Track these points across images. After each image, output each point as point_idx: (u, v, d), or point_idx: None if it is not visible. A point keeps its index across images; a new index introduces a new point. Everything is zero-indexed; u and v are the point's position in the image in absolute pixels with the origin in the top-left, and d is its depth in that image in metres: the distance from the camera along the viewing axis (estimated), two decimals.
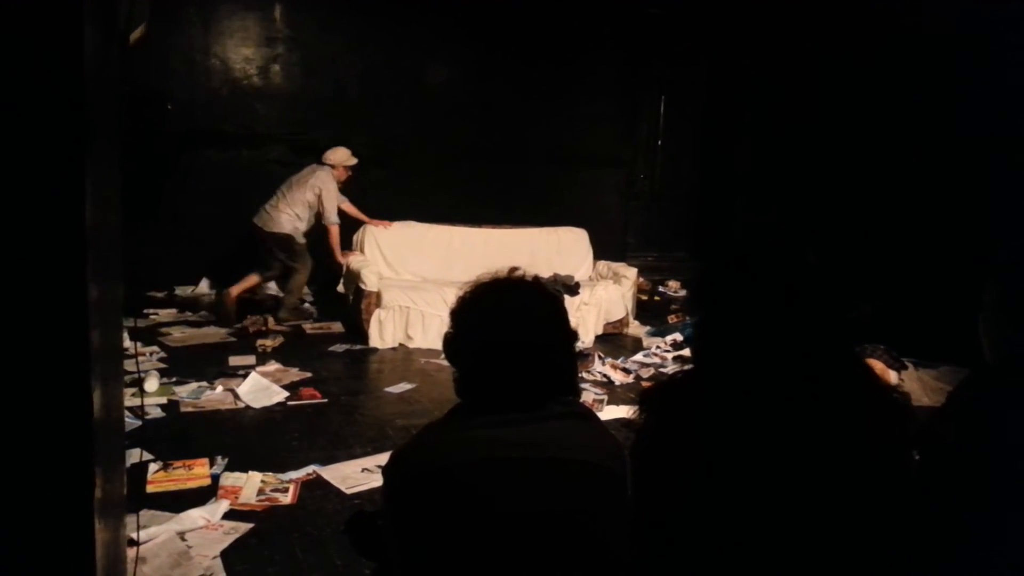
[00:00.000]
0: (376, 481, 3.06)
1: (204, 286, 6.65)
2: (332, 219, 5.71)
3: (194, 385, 4.15)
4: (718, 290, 1.29)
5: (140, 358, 4.39)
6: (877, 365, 4.52)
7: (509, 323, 1.30)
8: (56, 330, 1.11)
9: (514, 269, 1.39)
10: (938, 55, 5.75)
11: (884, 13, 6.20)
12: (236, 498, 2.90)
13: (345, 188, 5.96)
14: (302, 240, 5.70)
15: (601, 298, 5.78)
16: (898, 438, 1.23)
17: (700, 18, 8.09)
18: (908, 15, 5.98)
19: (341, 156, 5.78)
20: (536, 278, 1.40)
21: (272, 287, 6.29)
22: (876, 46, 6.39)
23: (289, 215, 5.56)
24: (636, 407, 1.33)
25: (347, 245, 6.09)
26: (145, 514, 2.65)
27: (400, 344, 5.32)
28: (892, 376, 4.54)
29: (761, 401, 1.18)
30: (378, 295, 5.31)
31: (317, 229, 5.88)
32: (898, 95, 6.19)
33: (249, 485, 3.01)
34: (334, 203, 5.69)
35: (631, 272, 6.26)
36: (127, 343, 2.85)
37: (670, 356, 5.28)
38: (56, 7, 1.05)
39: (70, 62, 1.06)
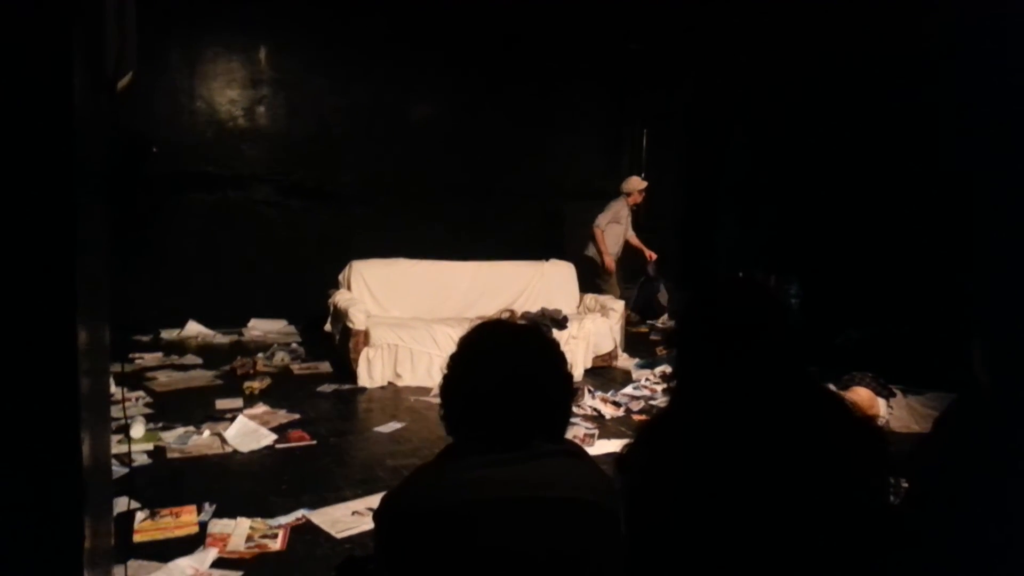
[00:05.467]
0: (367, 524, 3.01)
1: (190, 329, 6.60)
2: (597, 223, 6.93)
3: (180, 430, 4.09)
4: (691, 327, 1.35)
5: (126, 404, 4.33)
6: (865, 393, 4.52)
7: (506, 365, 1.31)
8: (46, 377, 1.10)
9: (511, 312, 1.44)
10: (923, 80, 5.84)
11: (863, 41, 6.35)
12: (225, 546, 2.84)
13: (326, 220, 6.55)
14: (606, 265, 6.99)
15: (589, 331, 5.78)
16: (875, 463, 1.26)
17: (680, 53, 8.26)
18: (886, 43, 6.12)
19: (631, 184, 6.88)
20: (533, 321, 1.44)
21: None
22: (857, 75, 6.52)
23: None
24: (625, 443, 1.35)
25: (334, 284, 6.09)
26: (132, 564, 2.60)
27: (389, 382, 5.28)
28: (880, 403, 4.53)
29: (735, 436, 1.21)
30: (366, 333, 5.29)
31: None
32: (882, 122, 6.30)
33: (238, 532, 2.95)
34: (606, 217, 6.91)
35: (618, 304, 6.28)
36: (113, 388, 2.81)
37: (660, 388, 5.27)
38: (46, 59, 1.06)
39: (60, 112, 1.07)
